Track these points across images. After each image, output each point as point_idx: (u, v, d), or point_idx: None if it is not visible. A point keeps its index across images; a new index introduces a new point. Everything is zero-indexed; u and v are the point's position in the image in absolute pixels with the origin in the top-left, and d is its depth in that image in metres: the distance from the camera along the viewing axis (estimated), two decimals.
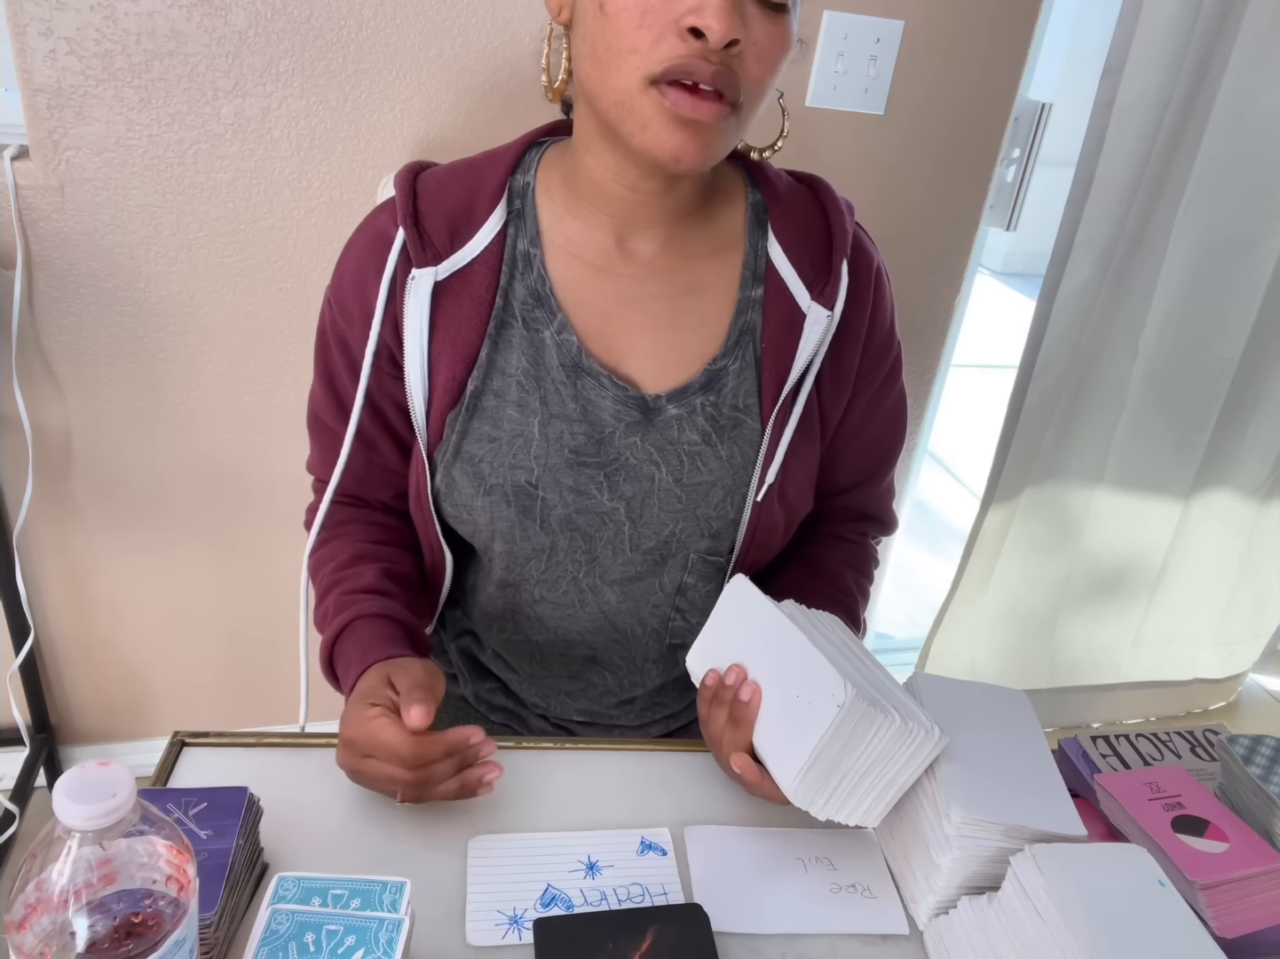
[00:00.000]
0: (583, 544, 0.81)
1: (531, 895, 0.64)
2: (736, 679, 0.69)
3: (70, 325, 1.28)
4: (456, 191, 0.76)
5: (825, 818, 0.65)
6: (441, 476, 0.80)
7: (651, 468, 0.79)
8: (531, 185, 0.78)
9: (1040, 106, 1.47)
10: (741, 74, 0.65)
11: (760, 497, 0.80)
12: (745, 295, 0.79)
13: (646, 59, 0.64)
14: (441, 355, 0.76)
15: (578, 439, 0.78)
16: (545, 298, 0.77)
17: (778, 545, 0.86)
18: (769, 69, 0.66)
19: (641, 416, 0.78)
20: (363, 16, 1.21)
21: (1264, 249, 1.54)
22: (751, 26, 0.64)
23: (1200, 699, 2.10)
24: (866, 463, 0.91)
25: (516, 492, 0.78)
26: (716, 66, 0.63)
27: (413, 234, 0.74)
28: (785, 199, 0.80)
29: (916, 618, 2.35)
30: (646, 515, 0.80)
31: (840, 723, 0.61)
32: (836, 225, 0.79)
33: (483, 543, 0.82)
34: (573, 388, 0.77)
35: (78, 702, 1.56)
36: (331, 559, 0.84)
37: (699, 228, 0.79)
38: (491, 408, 0.77)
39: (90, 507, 1.40)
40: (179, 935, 0.46)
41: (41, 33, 1.12)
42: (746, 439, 0.80)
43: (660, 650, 0.89)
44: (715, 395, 0.79)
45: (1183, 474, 1.75)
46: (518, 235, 0.77)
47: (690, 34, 0.62)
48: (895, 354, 0.87)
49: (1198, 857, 0.65)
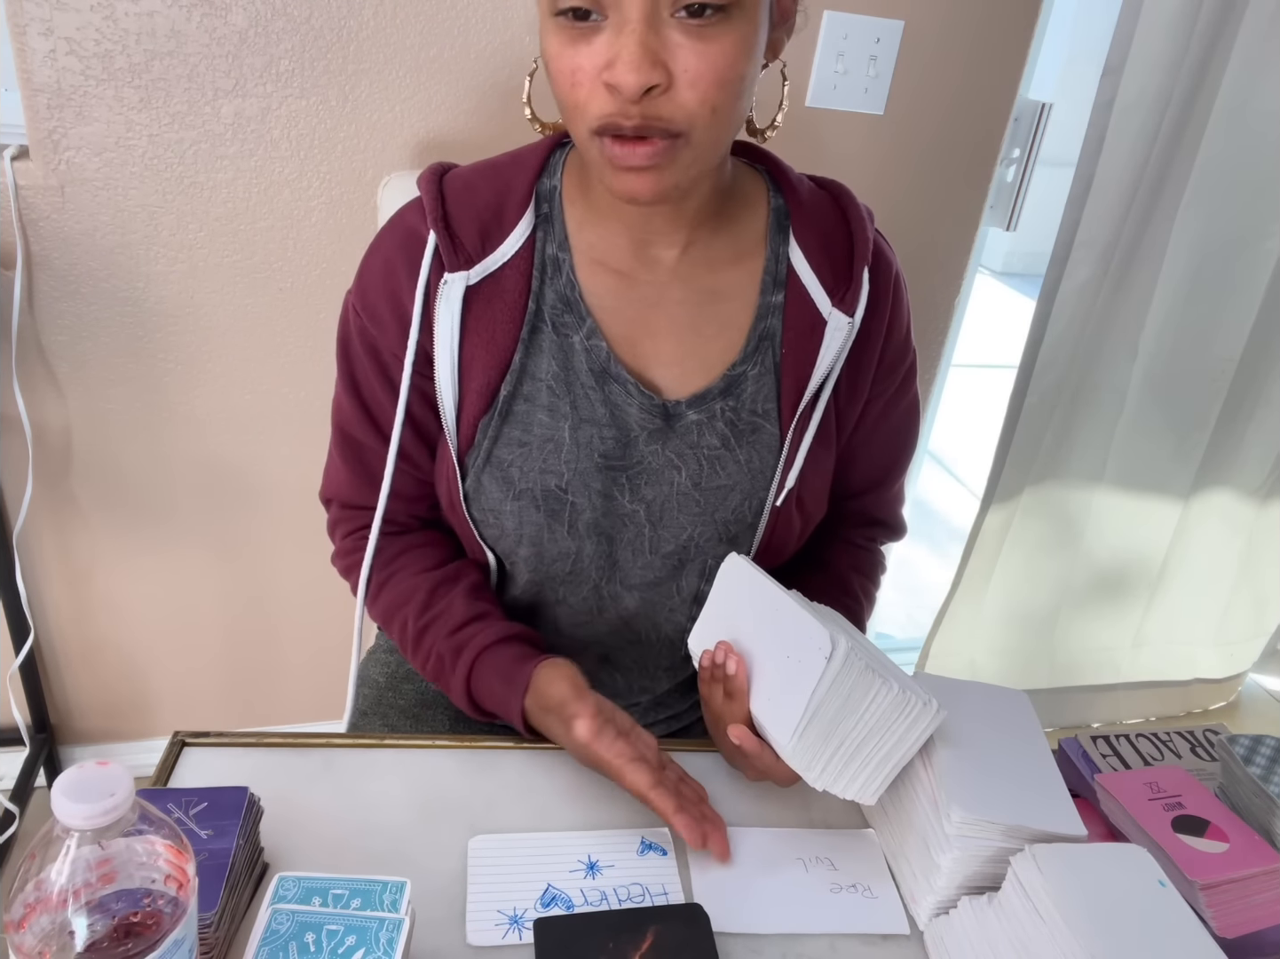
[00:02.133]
0: (605, 548, 0.81)
1: (532, 895, 0.64)
2: (723, 653, 0.69)
3: (70, 325, 1.28)
4: (485, 194, 0.76)
5: (822, 787, 0.65)
6: (471, 481, 0.79)
7: (672, 472, 0.79)
8: (558, 189, 0.78)
9: (1040, 106, 1.47)
10: (674, 108, 0.63)
11: (779, 502, 0.80)
12: (766, 301, 0.79)
13: (585, 115, 0.65)
14: (475, 360, 0.76)
15: (607, 443, 0.78)
16: (575, 303, 0.76)
17: (792, 550, 0.86)
18: (710, 90, 0.63)
19: (663, 423, 0.78)
20: (363, 16, 1.21)
21: (1264, 249, 1.54)
22: (679, 56, 0.62)
23: (1200, 699, 2.10)
24: (878, 468, 0.91)
25: (546, 496, 0.78)
26: (635, 121, 0.63)
27: (444, 237, 0.74)
28: (807, 205, 0.80)
29: (916, 618, 2.35)
30: (666, 519, 0.80)
31: (835, 678, 0.61)
32: (858, 232, 0.79)
33: (508, 547, 0.82)
34: (601, 393, 0.77)
35: (78, 702, 1.56)
36: (407, 602, 0.82)
37: (720, 233, 0.78)
38: (522, 412, 0.77)
39: (90, 506, 1.40)
40: (178, 935, 0.46)
41: (41, 33, 1.12)
42: (765, 444, 0.80)
43: (673, 658, 0.89)
44: (734, 400, 0.79)
45: (1183, 474, 1.75)
46: (547, 239, 0.77)
47: (613, 89, 0.62)
48: (910, 361, 0.87)
49: (1198, 857, 0.65)
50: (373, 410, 0.81)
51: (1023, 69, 1.45)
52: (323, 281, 1.34)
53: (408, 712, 0.93)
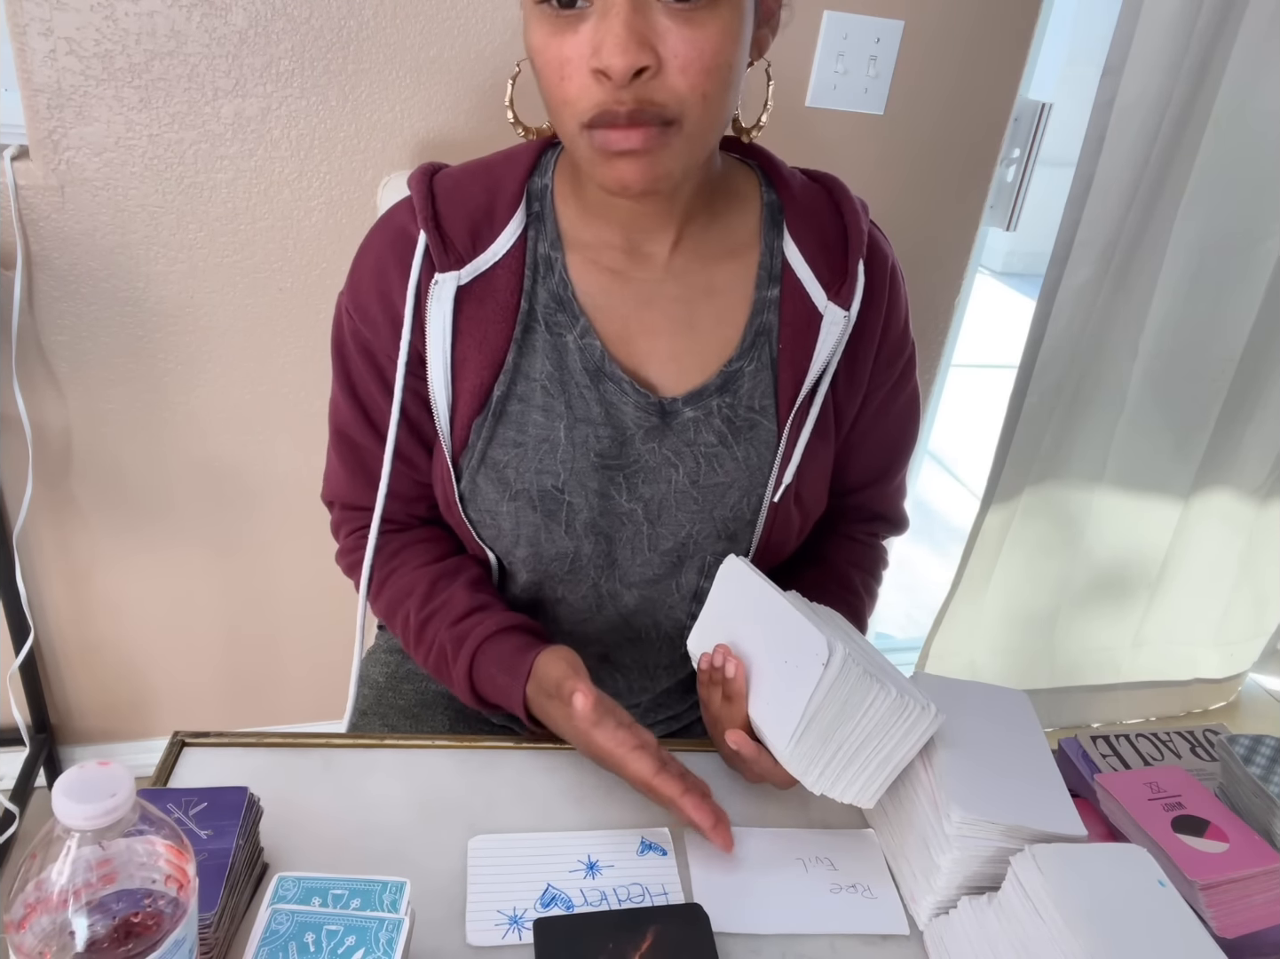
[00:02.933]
0: (604, 547, 0.81)
1: (531, 895, 0.64)
2: (722, 656, 0.69)
3: (70, 325, 1.28)
4: (475, 193, 0.76)
5: (820, 791, 0.65)
6: (466, 483, 0.79)
7: (669, 470, 0.79)
8: (550, 187, 0.77)
9: (1040, 106, 1.47)
10: (666, 93, 0.63)
11: (777, 498, 0.80)
12: (761, 296, 0.79)
13: (575, 108, 0.65)
14: (468, 361, 0.76)
15: (603, 442, 0.77)
16: (568, 301, 0.76)
17: (792, 546, 0.86)
18: (700, 76, 0.63)
19: (660, 420, 0.78)
20: (363, 16, 1.21)
21: (1264, 249, 1.54)
22: (668, 40, 0.62)
23: (1200, 699, 2.10)
24: (879, 462, 0.91)
25: (543, 496, 0.78)
26: (629, 106, 0.63)
27: (434, 237, 0.73)
28: (800, 199, 0.80)
29: (916, 618, 2.35)
30: (664, 516, 0.80)
31: (832, 684, 0.61)
32: (852, 225, 0.79)
33: (506, 547, 0.81)
34: (596, 392, 0.77)
35: (78, 702, 1.56)
36: (408, 595, 0.82)
37: (711, 228, 0.78)
38: (517, 413, 0.77)
39: (90, 506, 1.40)
40: (178, 935, 0.46)
41: (41, 33, 1.12)
42: (762, 440, 0.80)
43: (672, 656, 0.89)
44: (731, 397, 0.79)
45: (1183, 474, 1.75)
46: (539, 238, 0.77)
47: (602, 75, 0.62)
48: (909, 353, 0.87)
49: (1198, 857, 0.65)
50: (369, 412, 0.81)
51: (1022, 69, 1.45)
52: (322, 281, 1.34)
53: (407, 711, 0.93)
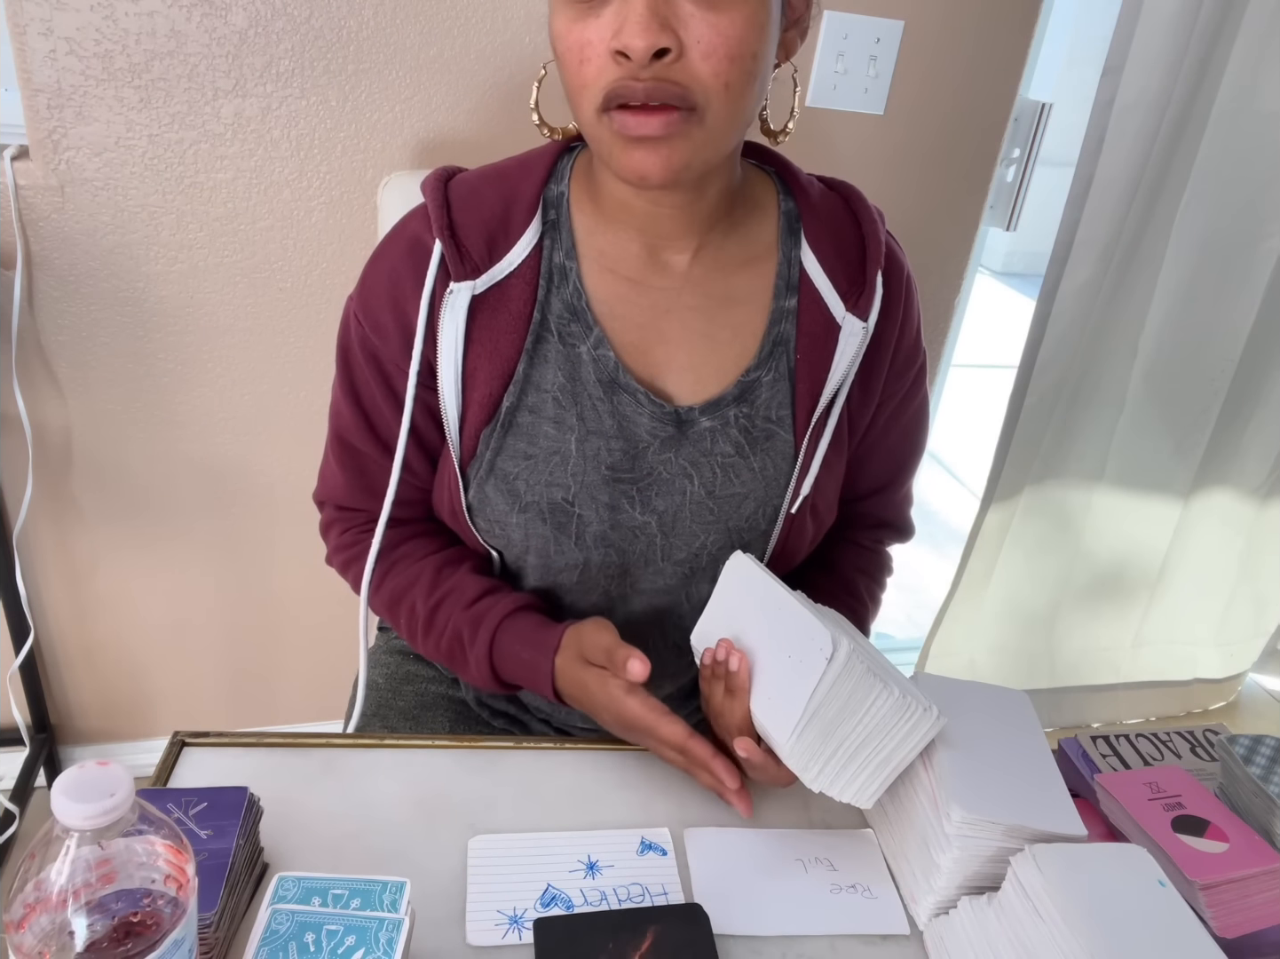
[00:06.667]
0: (616, 558, 0.80)
1: (531, 895, 0.64)
2: (725, 651, 0.69)
3: (70, 325, 1.28)
4: (491, 201, 0.75)
5: (819, 789, 0.65)
6: (474, 492, 0.78)
7: (684, 481, 0.78)
8: (566, 195, 0.77)
9: (1040, 106, 1.47)
10: (689, 78, 0.63)
11: (794, 509, 0.80)
12: (779, 305, 0.78)
13: (593, 91, 0.64)
14: (478, 371, 0.75)
15: (614, 455, 0.77)
16: (582, 312, 0.75)
17: (804, 555, 0.86)
18: (723, 64, 0.63)
19: (675, 431, 0.77)
20: (363, 16, 1.21)
21: (1264, 249, 1.54)
22: (691, 26, 0.62)
23: (1200, 699, 2.10)
24: (887, 470, 0.91)
25: (553, 509, 0.77)
26: (648, 83, 0.62)
27: (450, 246, 0.72)
28: (818, 207, 0.79)
29: (916, 618, 2.35)
30: (679, 527, 0.80)
31: (836, 679, 0.61)
32: (870, 235, 0.78)
33: (515, 556, 0.81)
34: (609, 403, 0.76)
35: (78, 702, 1.56)
36: (413, 585, 0.82)
37: (730, 237, 0.78)
38: (527, 424, 0.76)
39: (90, 506, 1.40)
40: (178, 935, 0.46)
41: (41, 33, 1.12)
42: (779, 451, 0.79)
43: (677, 664, 0.89)
44: (748, 407, 0.78)
45: (1182, 474, 1.75)
46: (554, 247, 0.76)
47: (621, 56, 0.62)
48: (921, 362, 0.86)
49: (1198, 857, 0.65)
50: (372, 418, 0.81)
51: (1023, 69, 1.45)
52: (323, 282, 1.34)
53: (408, 713, 0.93)
